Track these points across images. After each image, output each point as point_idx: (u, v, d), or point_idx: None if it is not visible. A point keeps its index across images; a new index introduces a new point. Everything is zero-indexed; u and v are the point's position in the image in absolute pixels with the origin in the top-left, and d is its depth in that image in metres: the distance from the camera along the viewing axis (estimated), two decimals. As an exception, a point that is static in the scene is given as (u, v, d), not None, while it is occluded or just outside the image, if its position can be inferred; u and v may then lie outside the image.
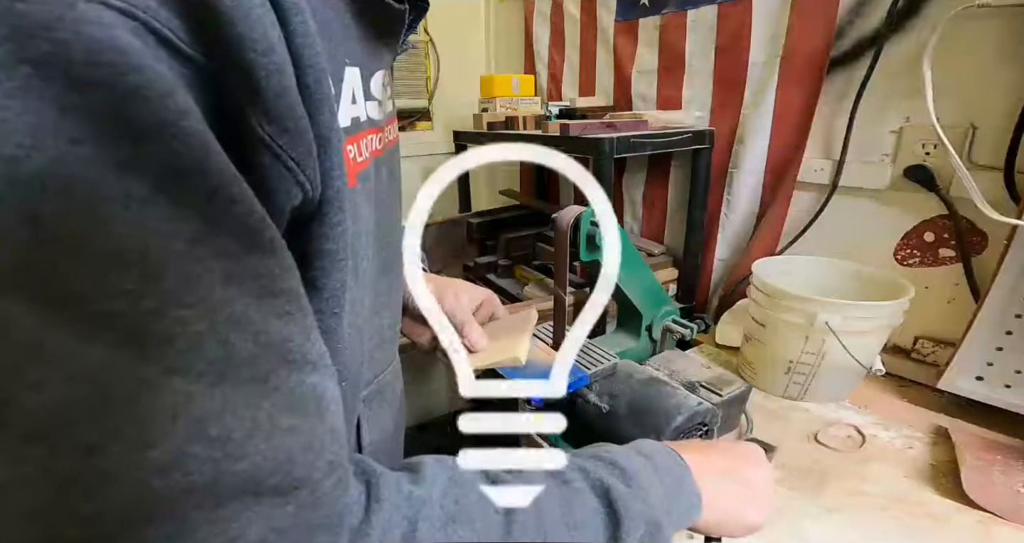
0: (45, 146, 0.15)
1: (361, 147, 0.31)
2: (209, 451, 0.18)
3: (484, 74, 1.39)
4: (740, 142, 0.98)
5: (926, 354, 0.81)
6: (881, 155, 0.81)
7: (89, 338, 0.16)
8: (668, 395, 0.55)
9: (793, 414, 0.71)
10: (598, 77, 1.28)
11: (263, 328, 0.20)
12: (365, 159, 0.31)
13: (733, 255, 1.06)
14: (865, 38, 0.80)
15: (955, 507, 0.54)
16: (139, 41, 0.16)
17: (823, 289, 0.74)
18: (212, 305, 0.18)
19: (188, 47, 0.17)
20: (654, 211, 1.21)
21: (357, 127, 0.30)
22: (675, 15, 1.05)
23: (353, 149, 0.30)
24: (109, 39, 0.15)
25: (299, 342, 0.21)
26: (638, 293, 0.70)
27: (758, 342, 0.75)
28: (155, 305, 0.17)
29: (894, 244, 0.83)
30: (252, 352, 0.19)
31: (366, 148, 0.32)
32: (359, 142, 0.31)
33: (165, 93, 0.16)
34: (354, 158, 0.30)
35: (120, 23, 0.16)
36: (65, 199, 0.15)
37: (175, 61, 0.17)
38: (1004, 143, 0.67)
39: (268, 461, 0.19)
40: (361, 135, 0.31)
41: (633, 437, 0.54)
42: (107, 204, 0.16)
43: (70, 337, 0.16)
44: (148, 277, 0.17)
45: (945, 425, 0.66)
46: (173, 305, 0.17)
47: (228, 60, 0.18)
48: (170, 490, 0.17)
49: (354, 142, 0.30)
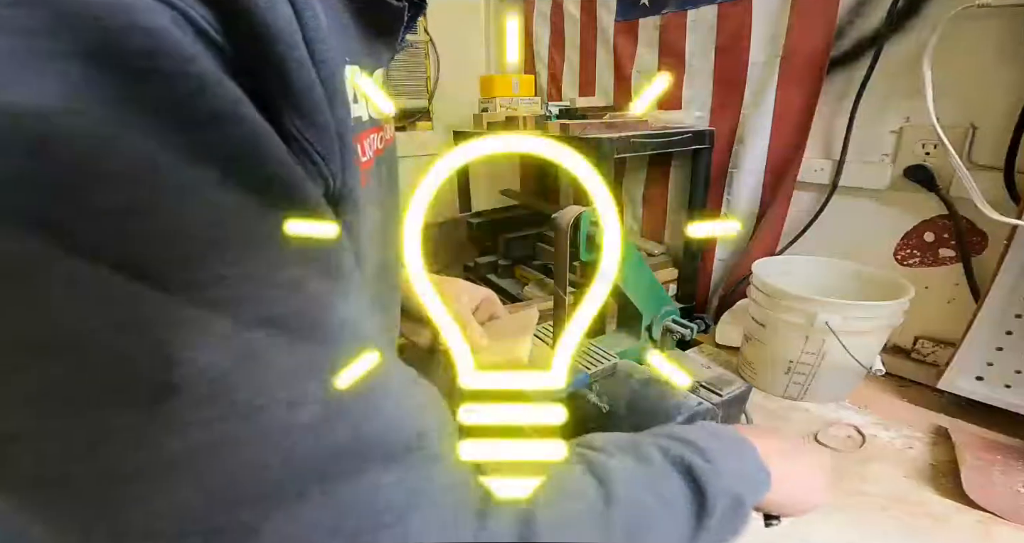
0: (119, 142, 0.15)
1: (365, 146, 0.31)
2: (349, 413, 0.19)
3: (484, 74, 1.39)
4: (740, 142, 0.98)
5: (926, 354, 0.81)
6: (881, 155, 0.81)
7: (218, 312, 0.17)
8: (668, 395, 0.55)
9: (793, 414, 0.71)
10: (598, 77, 1.28)
11: (333, 304, 0.21)
12: (369, 159, 0.31)
13: (733, 255, 1.06)
14: (865, 38, 0.80)
15: (955, 507, 0.54)
16: (179, 30, 0.16)
17: (823, 289, 0.74)
18: (314, 291, 0.19)
19: (221, 37, 0.17)
20: (654, 211, 1.21)
21: (360, 126, 0.30)
22: (675, 15, 1.05)
23: (358, 148, 0.30)
24: (161, 30, 0.15)
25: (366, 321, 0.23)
26: (638, 293, 0.70)
27: (758, 342, 0.75)
28: (271, 287, 0.18)
29: (894, 244, 0.83)
30: (350, 328, 0.21)
31: (369, 147, 0.32)
32: (363, 141, 0.31)
33: (219, 81, 0.17)
34: (359, 157, 0.30)
35: (163, 12, 0.16)
36: (149, 190, 0.16)
37: (210, 52, 0.17)
38: (1004, 143, 0.67)
39: (398, 421, 0.21)
40: (364, 134, 0.31)
41: (633, 436, 0.54)
42: (187, 193, 0.16)
43: (206, 312, 0.17)
44: (242, 258, 0.17)
45: (945, 425, 0.66)
46: (290, 288, 0.19)
47: (258, 53, 0.18)
48: (319, 452, 0.18)
49: (358, 141, 0.30)
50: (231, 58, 0.18)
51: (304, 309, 0.19)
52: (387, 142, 0.39)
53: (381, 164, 0.36)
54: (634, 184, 1.23)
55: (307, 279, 0.19)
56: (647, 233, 1.24)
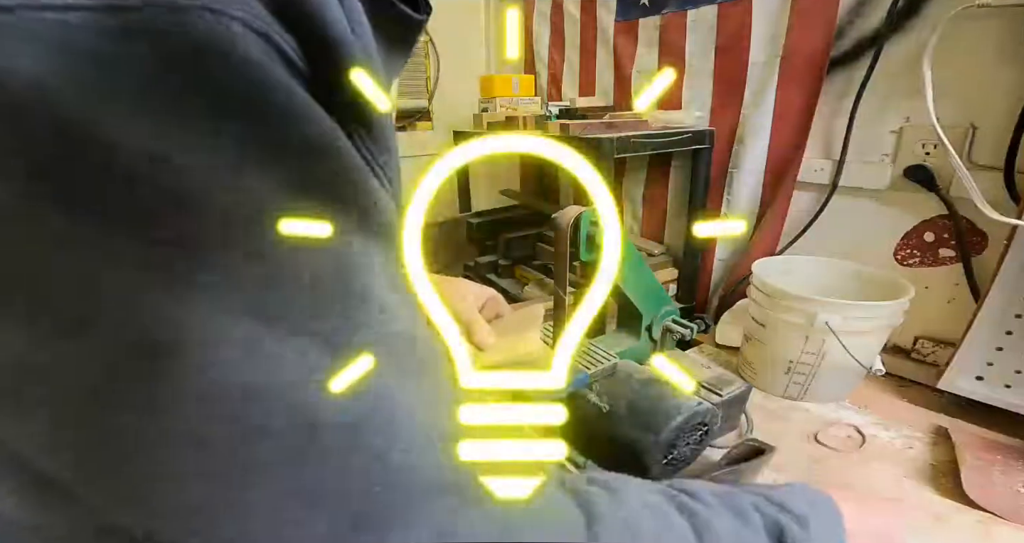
0: (227, 180, 0.15)
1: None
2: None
3: (484, 74, 1.39)
4: (740, 142, 0.98)
5: (926, 354, 0.81)
6: (881, 155, 0.81)
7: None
8: (668, 395, 0.55)
9: (793, 414, 0.71)
10: (598, 77, 1.28)
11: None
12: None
13: (733, 255, 1.06)
14: (865, 38, 0.80)
15: (955, 507, 0.54)
16: (267, 58, 0.16)
17: (823, 289, 0.74)
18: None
19: (301, 62, 0.17)
20: (654, 211, 1.21)
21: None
22: (675, 15, 1.05)
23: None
24: (259, 62, 0.15)
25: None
26: (638, 293, 0.70)
27: (758, 342, 0.75)
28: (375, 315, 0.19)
29: (894, 244, 0.83)
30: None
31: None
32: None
33: (316, 116, 0.17)
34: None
35: (253, 40, 0.15)
36: (259, 227, 0.16)
37: (296, 79, 0.17)
38: (1004, 143, 0.67)
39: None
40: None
41: (633, 437, 0.54)
42: (288, 224, 0.16)
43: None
44: (352, 294, 0.18)
45: (945, 425, 0.66)
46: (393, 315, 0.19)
47: (333, 77, 0.18)
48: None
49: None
50: (310, 81, 0.17)
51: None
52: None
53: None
54: (634, 184, 1.23)
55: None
56: (647, 233, 1.24)
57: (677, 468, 0.58)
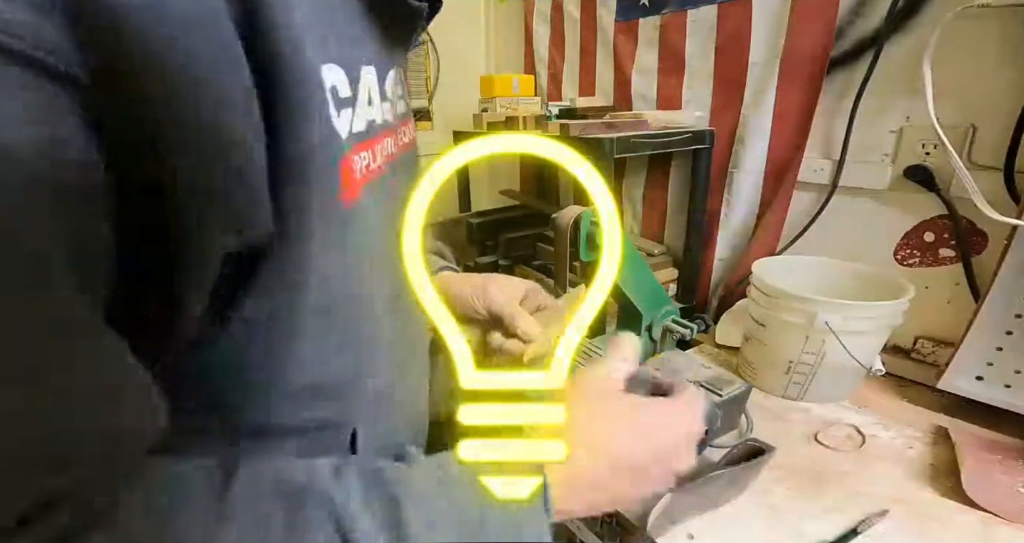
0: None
1: (376, 152, 0.30)
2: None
3: (484, 74, 1.39)
4: (740, 142, 0.98)
5: (926, 354, 0.81)
6: (881, 155, 0.81)
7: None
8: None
9: (793, 414, 0.71)
10: (598, 77, 1.28)
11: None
12: (379, 165, 0.30)
13: (733, 255, 1.06)
14: (865, 38, 0.80)
15: (955, 507, 0.54)
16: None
17: (823, 289, 0.74)
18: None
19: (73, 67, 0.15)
20: (654, 211, 1.21)
21: (372, 131, 0.29)
22: (675, 15, 1.05)
23: (367, 156, 0.28)
24: None
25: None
26: (638, 293, 0.70)
27: (758, 342, 0.75)
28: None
29: (894, 244, 0.83)
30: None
31: (381, 153, 0.31)
32: (374, 147, 0.29)
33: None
34: (367, 165, 0.28)
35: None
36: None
37: (54, 86, 0.15)
38: (1004, 143, 0.67)
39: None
40: (376, 140, 0.30)
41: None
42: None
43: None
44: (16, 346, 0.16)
45: (945, 425, 0.66)
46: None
47: (119, 83, 0.16)
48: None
49: (368, 147, 0.29)
50: (84, 87, 0.16)
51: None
52: (404, 146, 0.37)
53: (397, 169, 0.34)
54: (634, 184, 1.23)
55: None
56: (647, 233, 1.23)
57: (677, 468, 0.58)
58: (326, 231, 0.24)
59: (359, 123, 0.27)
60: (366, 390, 0.32)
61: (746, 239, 1.02)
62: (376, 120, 0.30)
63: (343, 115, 0.26)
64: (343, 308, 0.28)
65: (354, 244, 0.27)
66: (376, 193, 0.30)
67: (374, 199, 0.29)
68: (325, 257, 0.25)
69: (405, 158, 0.38)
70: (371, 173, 0.29)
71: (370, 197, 0.29)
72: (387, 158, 0.32)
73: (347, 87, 0.26)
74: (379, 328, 0.32)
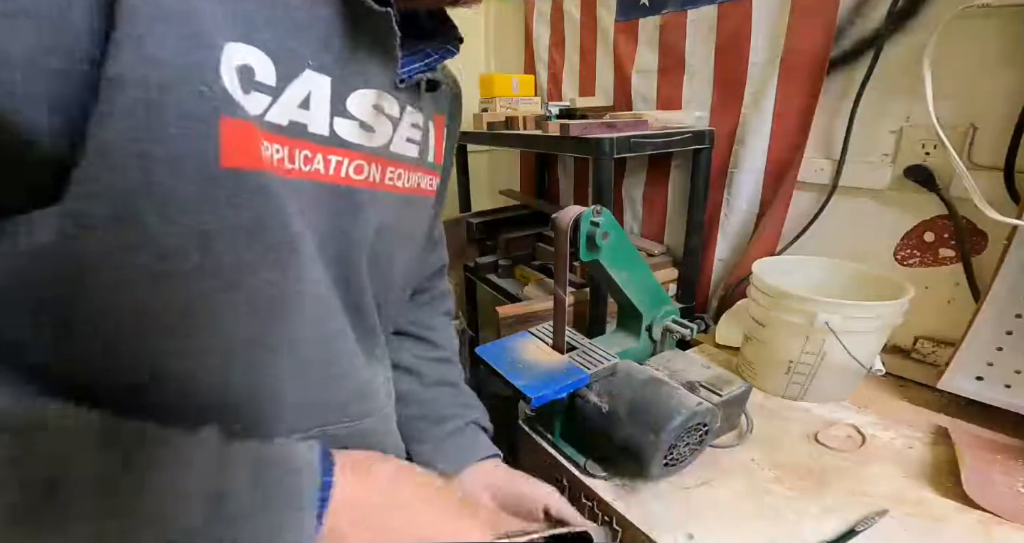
0: None
1: (294, 154, 0.30)
2: None
3: (484, 74, 1.39)
4: (740, 142, 0.98)
5: (926, 354, 0.81)
6: (881, 155, 0.81)
7: None
8: (668, 395, 0.55)
9: (793, 414, 0.71)
10: (598, 77, 1.28)
11: None
12: (293, 170, 0.30)
13: (733, 255, 1.06)
14: (865, 38, 0.80)
15: (955, 507, 0.54)
16: None
17: (823, 289, 0.74)
18: None
19: None
20: (654, 211, 1.21)
21: (297, 133, 0.30)
22: (675, 15, 1.05)
23: (280, 151, 0.29)
24: None
25: None
26: (638, 293, 0.70)
27: (758, 342, 0.75)
28: None
29: (894, 244, 0.83)
30: None
31: (303, 162, 0.30)
32: (295, 150, 0.30)
33: None
34: (279, 159, 0.29)
35: None
36: None
37: None
38: (1004, 143, 0.67)
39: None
40: (301, 144, 0.30)
41: (633, 437, 0.54)
42: None
43: None
44: None
45: (945, 425, 0.66)
46: None
47: None
48: None
49: (285, 145, 0.29)
50: None
51: None
52: (375, 183, 0.36)
53: (342, 198, 0.34)
54: (634, 184, 1.23)
55: None
56: (647, 233, 1.24)
57: (677, 468, 0.58)
58: (172, 173, 0.23)
59: (277, 116, 0.28)
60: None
61: (746, 239, 1.02)
62: (309, 126, 0.30)
63: (254, 96, 0.27)
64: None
65: (230, 211, 0.26)
66: (306, 198, 0.30)
67: (295, 200, 0.29)
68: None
69: (372, 196, 0.37)
70: (285, 170, 0.29)
71: (288, 191, 0.29)
72: (319, 175, 0.32)
73: (270, 76, 0.27)
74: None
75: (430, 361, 0.58)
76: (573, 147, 0.90)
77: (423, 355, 0.58)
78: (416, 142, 0.41)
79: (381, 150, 0.37)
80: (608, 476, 0.60)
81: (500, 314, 0.99)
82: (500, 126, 1.19)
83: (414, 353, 0.57)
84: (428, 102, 0.44)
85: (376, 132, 0.36)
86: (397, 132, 0.39)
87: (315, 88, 0.30)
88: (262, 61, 0.27)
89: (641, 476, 0.58)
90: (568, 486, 0.63)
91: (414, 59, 0.38)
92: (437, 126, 0.47)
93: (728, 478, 0.59)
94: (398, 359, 0.55)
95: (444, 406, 0.56)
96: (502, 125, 1.18)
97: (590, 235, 0.61)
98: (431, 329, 0.59)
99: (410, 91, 0.39)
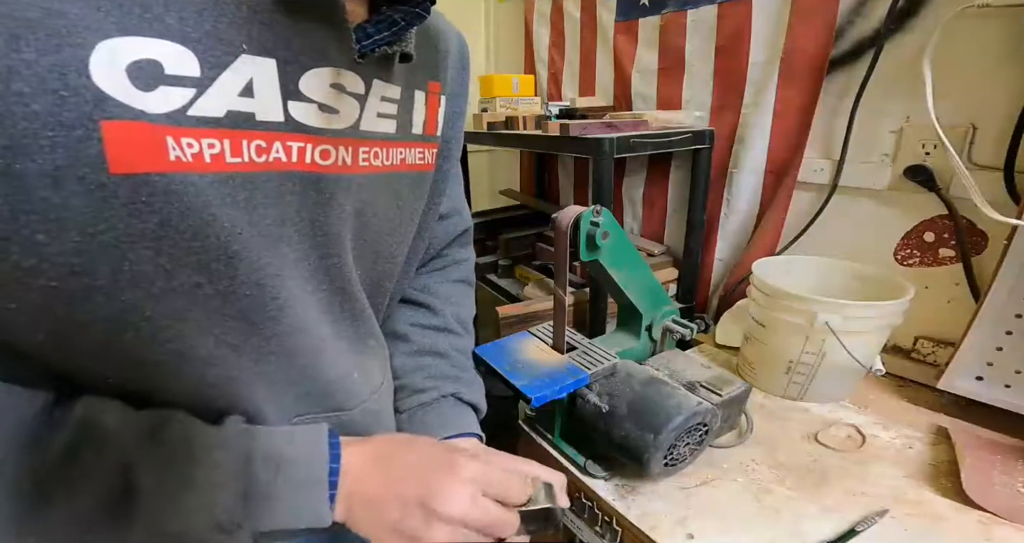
0: None
1: (240, 146, 0.28)
2: None
3: (484, 74, 1.39)
4: (740, 142, 0.98)
5: (926, 354, 0.81)
6: (881, 155, 0.81)
7: None
8: (668, 395, 0.55)
9: (793, 414, 0.71)
10: (598, 77, 1.28)
11: None
12: (245, 163, 0.28)
13: (733, 255, 1.06)
14: (865, 38, 0.80)
15: (955, 507, 0.54)
16: None
17: (823, 289, 0.74)
18: None
19: None
20: (654, 211, 1.21)
21: (238, 123, 0.28)
22: (675, 15, 1.05)
23: (220, 145, 0.27)
24: None
25: None
26: (638, 293, 0.70)
27: (758, 342, 0.75)
28: None
29: (894, 244, 0.83)
30: None
31: (255, 153, 0.29)
32: (242, 140, 0.28)
33: None
34: (217, 153, 0.27)
35: None
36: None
37: None
38: (1004, 143, 0.67)
39: None
40: (248, 134, 0.28)
41: (633, 437, 0.54)
42: None
43: None
44: None
45: (945, 425, 0.66)
46: None
47: None
48: None
49: (227, 137, 0.27)
50: None
51: None
52: (343, 167, 0.35)
53: (307, 185, 0.32)
54: (634, 184, 1.23)
55: None
56: (647, 233, 1.24)
57: (677, 468, 0.58)
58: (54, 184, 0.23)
59: (209, 109, 0.26)
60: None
61: (746, 239, 1.02)
62: (258, 115, 0.28)
63: (164, 92, 0.24)
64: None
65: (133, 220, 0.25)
66: (260, 191, 0.29)
67: (235, 196, 0.28)
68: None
69: (377, 179, 0.37)
70: (227, 165, 0.27)
71: (224, 189, 0.27)
72: (307, 165, 0.31)
73: (189, 67, 0.25)
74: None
75: (423, 328, 0.55)
76: (573, 147, 0.90)
77: (418, 322, 0.55)
78: (391, 116, 0.38)
79: (349, 131, 0.35)
80: (608, 476, 0.60)
81: (500, 314, 0.99)
82: (500, 126, 1.19)
83: (410, 320, 0.55)
84: (409, 71, 0.39)
85: (340, 113, 0.33)
86: (366, 110, 0.36)
87: (258, 73, 0.28)
88: (172, 53, 0.24)
89: (641, 476, 0.58)
90: (568, 486, 0.63)
91: (380, 27, 0.34)
92: (430, 94, 0.43)
93: (728, 478, 0.59)
94: (392, 326, 0.54)
95: (424, 377, 0.53)
96: (502, 125, 1.18)
97: (590, 235, 0.61)
98: (433, 295, 0.57)
99: (379, 62, 0.35)
